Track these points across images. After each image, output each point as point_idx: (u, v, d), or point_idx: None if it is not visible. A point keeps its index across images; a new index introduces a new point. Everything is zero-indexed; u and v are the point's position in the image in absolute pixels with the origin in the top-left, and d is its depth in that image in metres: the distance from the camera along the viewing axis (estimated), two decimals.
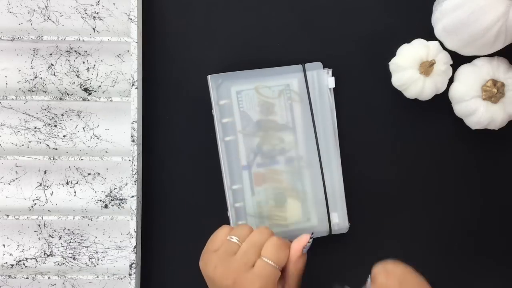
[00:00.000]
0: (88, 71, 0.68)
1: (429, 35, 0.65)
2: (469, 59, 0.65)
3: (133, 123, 0.65)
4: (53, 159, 0.66)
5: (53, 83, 0.68)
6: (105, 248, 0.69)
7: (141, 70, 0.67)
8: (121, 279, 0.66)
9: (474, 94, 0.63)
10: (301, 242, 0.56)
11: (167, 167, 0.68)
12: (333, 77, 0.66)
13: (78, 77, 0.68)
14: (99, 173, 0.69)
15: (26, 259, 0.69)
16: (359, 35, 0.68)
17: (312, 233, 0.57)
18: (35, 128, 0.69)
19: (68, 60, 0.68)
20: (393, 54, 0.66)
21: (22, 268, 0.69)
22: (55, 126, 0.68)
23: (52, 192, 0.69)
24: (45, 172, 0.69)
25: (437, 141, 0.68)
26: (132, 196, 0.65)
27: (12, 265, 0.69)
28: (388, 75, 0.66)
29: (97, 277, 0.66)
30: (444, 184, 0.69)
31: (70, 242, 0.69)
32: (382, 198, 0.69)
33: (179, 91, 0.68)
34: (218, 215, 0.66)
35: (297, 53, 0.68)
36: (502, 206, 0.69)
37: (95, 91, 0.68)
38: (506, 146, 0.68)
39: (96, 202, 0.69)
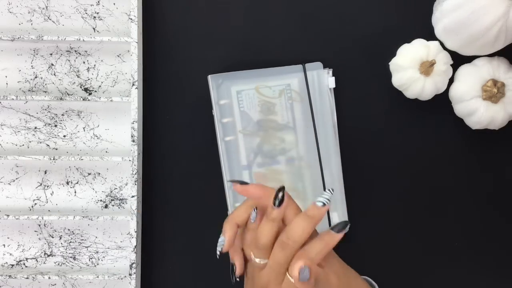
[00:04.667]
0: (88, 71, 0.68)
1: (429, 35, 0.65)
2: (469, 59, 0.65)
3: (133, 123, 0.65)
4: (53, 159, 0.66)
5: (53, 83, 0.68)
6: (105, 248, 0.69)
7: (141, 70, 0.67)
8: (121, 279, 0.66)
9: (474, 94, 0.63)
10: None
11: (167, 167, 0.68)
12: (333, 77, 0.66)
13: (78, 77, 0.68)
14: (99, 173, 0.69)
15: (27, 259, 0.69)
16: (359, 35, 0.68)
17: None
18: (35, 128, 0.69)
19: (69, 60, 0.68)
20: (393, 54, 0.66)
21: (22, 268, 0.69)
22: (55, 126, 0.68)
23: (53, 192, 0.69)
24: (45, 172, 0.69)
25: (437, 141, 0.68)
26: (132, 196, 0.65)
27: (12, 265, 0.69)
28: (388, 75, 0.66)
29: (97, 277, 0.66)
30: (444, 184, 0.69)
31: (71, 242, 0.69)
32: (382, 197, 0.69)
33: (179, 91, 0.68)
34: (218, 215, 0.66)
35: (297, 53, 0.68)
36: (503, 205, 0.69)
37: (95, 91, 0.68)
38: (506, 146, 0.68)
39: (96, 202, 0.69)
